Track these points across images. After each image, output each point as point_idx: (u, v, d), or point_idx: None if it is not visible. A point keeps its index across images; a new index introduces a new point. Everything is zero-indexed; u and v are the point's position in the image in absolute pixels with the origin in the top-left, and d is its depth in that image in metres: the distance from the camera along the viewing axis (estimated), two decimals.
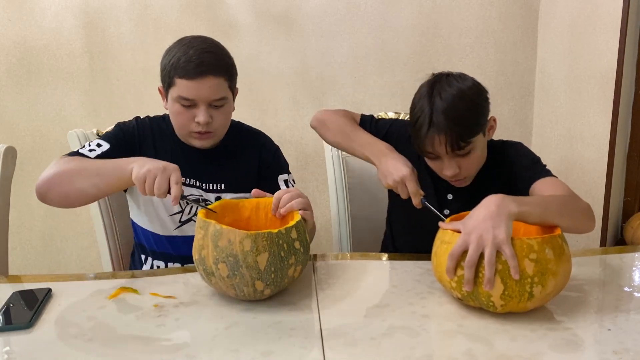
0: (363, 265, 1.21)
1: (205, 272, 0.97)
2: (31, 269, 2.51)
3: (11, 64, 2.34)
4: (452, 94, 1.13)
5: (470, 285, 0.90)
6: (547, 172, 1.21)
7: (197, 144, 1.27)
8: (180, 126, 1.26)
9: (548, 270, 0.90)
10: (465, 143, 1.13)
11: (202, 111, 1.21)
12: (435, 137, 1.12)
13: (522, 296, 0.90)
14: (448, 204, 1.29)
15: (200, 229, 0.97)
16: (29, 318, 0.93)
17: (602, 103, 2.15)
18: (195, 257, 0.98)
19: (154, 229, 1.32)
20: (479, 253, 0.89)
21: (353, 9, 2.38)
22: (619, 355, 0.81)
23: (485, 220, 0.91)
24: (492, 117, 1.22)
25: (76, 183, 1.13)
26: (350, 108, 2.41)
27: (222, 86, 1.22)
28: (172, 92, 1.23)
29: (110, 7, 2.31)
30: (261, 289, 0.96)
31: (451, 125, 1.10)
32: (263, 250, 0.93)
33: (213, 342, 0.87)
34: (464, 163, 1.17)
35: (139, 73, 2.37)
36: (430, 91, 1.15)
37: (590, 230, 1.08)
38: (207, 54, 1.20)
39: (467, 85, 1.16)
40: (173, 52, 1.22)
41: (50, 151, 2.41)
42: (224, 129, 1.30)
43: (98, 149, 1.23)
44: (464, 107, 1.13)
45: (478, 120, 1.16)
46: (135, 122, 1.33)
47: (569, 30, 2.30)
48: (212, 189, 1.32)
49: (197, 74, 1.18)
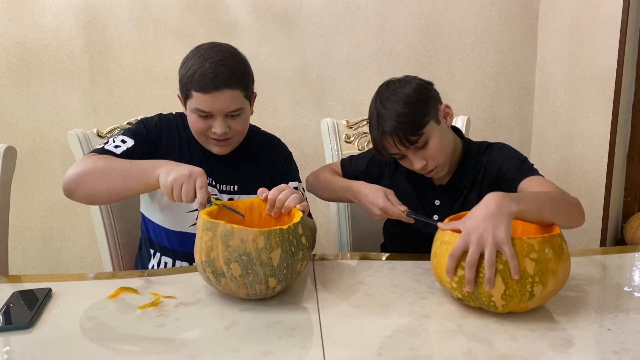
0: (363, 265, 1.21)
1: (215, 274, 0.96)
2: (31, 269, 2.51)
3: (11, 64, 2.34)
4: (391, 99, 1.20)
5: (471, 285, 0.90)
6: (534, 171, 1.22)
7: (216, 151, 1.29)
8: (199, 134, 1.27)
9: (548, 270, 0.90)
10: (415, 136, 1.17)
11: (218, 122, 1.22)
12: (387, 139, 1.19)
13: (523, 296, 0.90)
14: (436, 210, 1.30)
15: (208, 230, 0.96)
16: (29, 318, 0.92)
17: (602, 103, 2.15)
18: (202, 259, 0.97)
19: (167, 224, 1.33)
20: (479, 253, 0.89)
21: (353, 9, 2.38)
22: (619, 355, 0.81)
23: (485, 219, 0.91)
24: (444, 104, 1.25)
25: (103, 184, 1.15)
26: (350, 108, 2.44)
27: (237, 98, 1.23)
28: (189, 103, 1.24)
29: (110, 7, 2.31)
30: (273, 285, 0.97)
31: (395, 125, 1.17)
32: (276, 246, 0.94)
33: (213, 342, 0.87)
34: (427, 153, 1.21)
35: (139, 73, 2.37)
36: (375, 101, 1.23)
37: (581, 224, 1.09)
38: (222, 67, 1.19)
39: (407, 87, 1.21)
40: (190, 64, 1.21)
41: (50, 151, 2.41)
42: (242, 136, 1.32)
43: (123, 145, 1.24)
44: (403, 106, 1.18)
45: (420, 112, 1.19)
46: (159, 118, 1.34)
47: (569, 30, 2.30)
48: (226, 190, 1.33)
49: (212, 88, 1.18)
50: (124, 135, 1.27)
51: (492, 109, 2.52)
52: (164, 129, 1.32)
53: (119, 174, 1.15)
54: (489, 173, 1.27)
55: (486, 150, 1.31)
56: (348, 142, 1.65)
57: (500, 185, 1.23)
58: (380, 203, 1.18)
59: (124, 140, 1.25)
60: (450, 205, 1.29)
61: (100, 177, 1.15)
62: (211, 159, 1.32)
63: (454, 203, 1.29)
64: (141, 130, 1.29)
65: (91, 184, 1.16)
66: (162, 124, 1.32)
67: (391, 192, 1.20)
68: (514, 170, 1.22)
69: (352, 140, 1.65)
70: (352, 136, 1.65)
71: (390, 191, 1.21)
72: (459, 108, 2.46)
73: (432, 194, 1.32)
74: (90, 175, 1.16)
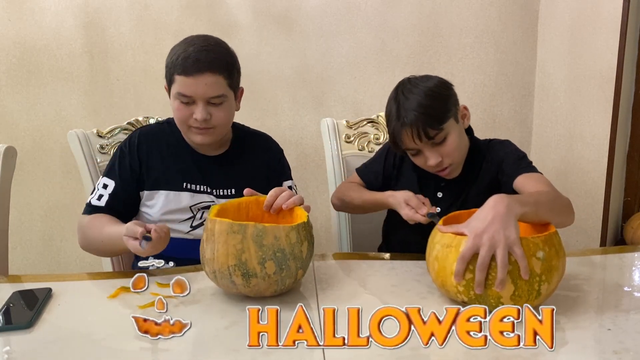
0: (363, 265, 1.21)
1: (246, 276, 0.95)
2: (31, 269, 2.51)
3: (11, 64, 2.34)
4: (414, 91, 1.20)
5: (482, 287, 0.90)
6: (531, 168, 1.23)
7: (198, 140, 1.28)
8: (181, 122, 1.27)
9: (552, 267, 0.91)
10: (436, 130, 1.17)
11: (199, 108, 1.22)
12: (407, 130, 1.18)
13: (530, 295, 0.90)
14: (438, 202, 1.30)
15: (236, 233, 0.94)
16: (29, 318, 0.92)
17: (602, 103, 2.15)
18: (230, 263, 0.95)
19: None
20: (491, 255, 0.89)
21: (353, 9, 2.38)
22: (619, 355, 0.81)
23: (495, 221, 0.90)
24: (462, 105, 1.27)
25: (101, 252, 1.31)
26: (350, 108, 2.44)
27: (219, 84, 1.23)
28: (172, 89, 1.24)
29: (110, 7, 2.31)
30: (300, 277, 1.02)
31: (417, 116, 1.17)
32: (304, 239, 0.99)
33: (213, 341, 0.87)
34: (444, 150, 1.21)
35: (139, 73, 2.37)
36: (395, 94, 1.23)
37: (571, 224, 1.11)
38: (206, 52, 1.21)
39: (429, 82, 1.22)
40: (175, 50, 1.23)
41: (50, 151, 2.41)
42: (225, 127, 1.31)
43: (105, 191, 1.30)
44: (426, 98, 1.19)
45: (442, 107, 1.20)
46: (137, 138, 1.33)
47: (569, 30, 2.30)
48: (223, 194, 1.32)
49: (194, 71, 1.19)
50: (105, 177, 1.31)
51: (492, 109, 2.52)
52: (142, 142, 1.32)
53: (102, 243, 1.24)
54: (491, 168, 1.28)
55: (488, 144, 1.33)
56: (348, 142, 1.65)
57: (499, 180, 1.25)
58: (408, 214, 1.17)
59: (105, 185, 1.30)
60: (452, 199, 1.30)
61: (96, 248, 1.28)
62: (204, 165, 1.32)
63: (457, 197, 1.30)
64: (121, 160, 1.31)
65: (94, 252, 1.30)
66: (141, 142, 1.32)
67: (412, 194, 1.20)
68: (512, 166, 1.24)
69: (352, 140, 1.65)
70: (352, 136, 1.65)
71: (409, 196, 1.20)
72: None
73: (436, 186, 1.32)
74: (88, 246, 1.29)
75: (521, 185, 1.19)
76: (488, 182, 1.27)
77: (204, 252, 0.99)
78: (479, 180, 1.29)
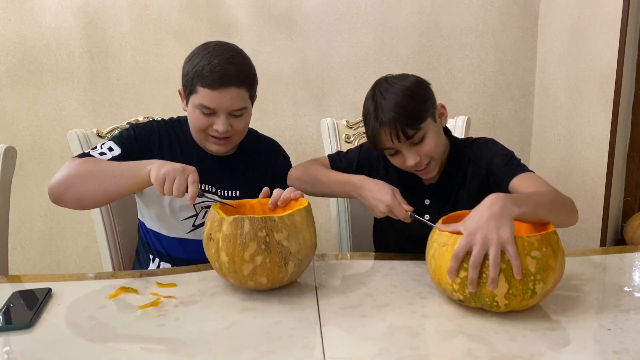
0: (363, 265, 1.21)
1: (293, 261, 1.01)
2: (31, 269, 2.51)
3: (11, 64, 2.34)
4: (391, 90, 1.18)
5: (474, 285, 0.90)
6: (523, 168, 1.21)
7: (214, 149, 1.28)
8: (199, 130, 1.26)
9: (548, 267, 0.90)
10: (414, 130, 1.16)
11: (221, 120, 1.22)
12: (385, 130, 1.16)
13: (525, 294, 0.90)
14: (427, 209, 1.28)
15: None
16: (29, 318, 0.92)
17: (602, 103, 2.15)
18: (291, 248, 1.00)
19: (164, 231, 1.32)
20: (484, 253, 0.89)
21: (353, 9, 2.38)
22: (619, 355, 0.81)
23: (489, 220, 0.91)
24: (440, 104, 1.25)
25: (92, 185, 1.13)
26: (350, 108, 2.44)
27: (243, 97, 1.23)
28: (193, 98, 1.22)
29: (110, 7, 2.31)
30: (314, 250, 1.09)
31: (395, 116, 1.15)
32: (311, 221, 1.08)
33: (213, 342, 0.87)
34: (422, 150, 1.19)
35: (139, 73, 2.37)
36: (373, 93, 1.21)
37: (574, 223, 1.10)
38: (231, 65, 1.20)
39: (406, 81, 1.21)
40: (197, 59, 1.21)
41: (50, 151, 2.41)
42: (241, 136, 1.31)
43: (109, 152, 1.22)
44: (404, 98, 1.17)
45: (420, 107, 1.18)
46: (151, 125, 1.32)
47: (569, 30, 2.30)
48: (228, 195, 1.32)
49: (220, 85, 1.18)
50: (111, 142, 1.25)
51: (492, 109, 2.52)
52: (154, 135, 1.30)
53: (108, 174, 1.13)
54: (478, 169, 1.26)
55: (472, 145, 1.30)
56: (348, 142, 1.65)
57: (490, 183, 1.23)
58: (388, 200, 1.13)
59: (110, 148, 1.23)
60: (440, 204, 1.28)
61: (89, 178, 1.13)
62: (210, 166, 1.31)
63: (445, 202, 1.28)
64: (130, 138, 1.27)
65: (81, 186, 1.13)
66: (152, 130, 1.31)
67: (397, 190, 1.17)
68: (503, 168, 1.22)
69: (352, 140, 1.65)
70: (352, 136, 1.65)
71: (397, 189, 1.17)
72: (458, 108, 2.47)
73: (422, 193, 1.30)
74: (79, 176, 1.14)
75: (518, 187, 1.17)
76: (478, 184, 1.25)
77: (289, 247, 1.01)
78: (468, 184, 1.27)
